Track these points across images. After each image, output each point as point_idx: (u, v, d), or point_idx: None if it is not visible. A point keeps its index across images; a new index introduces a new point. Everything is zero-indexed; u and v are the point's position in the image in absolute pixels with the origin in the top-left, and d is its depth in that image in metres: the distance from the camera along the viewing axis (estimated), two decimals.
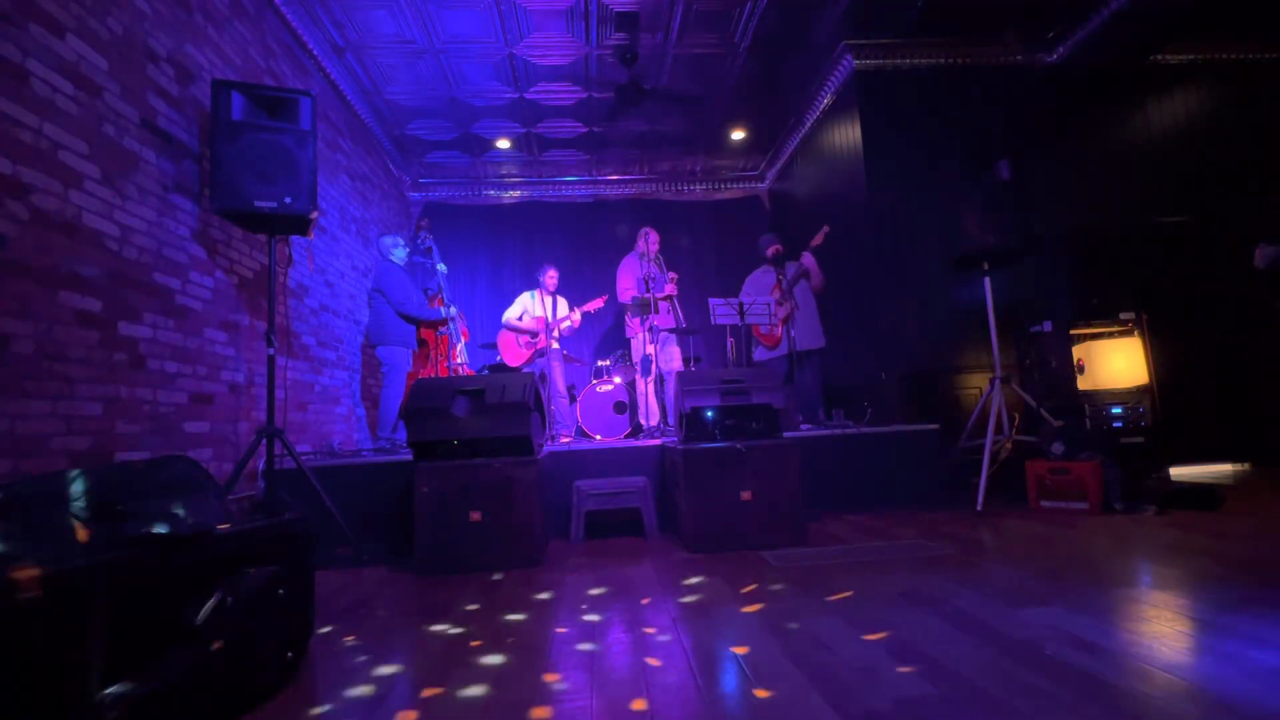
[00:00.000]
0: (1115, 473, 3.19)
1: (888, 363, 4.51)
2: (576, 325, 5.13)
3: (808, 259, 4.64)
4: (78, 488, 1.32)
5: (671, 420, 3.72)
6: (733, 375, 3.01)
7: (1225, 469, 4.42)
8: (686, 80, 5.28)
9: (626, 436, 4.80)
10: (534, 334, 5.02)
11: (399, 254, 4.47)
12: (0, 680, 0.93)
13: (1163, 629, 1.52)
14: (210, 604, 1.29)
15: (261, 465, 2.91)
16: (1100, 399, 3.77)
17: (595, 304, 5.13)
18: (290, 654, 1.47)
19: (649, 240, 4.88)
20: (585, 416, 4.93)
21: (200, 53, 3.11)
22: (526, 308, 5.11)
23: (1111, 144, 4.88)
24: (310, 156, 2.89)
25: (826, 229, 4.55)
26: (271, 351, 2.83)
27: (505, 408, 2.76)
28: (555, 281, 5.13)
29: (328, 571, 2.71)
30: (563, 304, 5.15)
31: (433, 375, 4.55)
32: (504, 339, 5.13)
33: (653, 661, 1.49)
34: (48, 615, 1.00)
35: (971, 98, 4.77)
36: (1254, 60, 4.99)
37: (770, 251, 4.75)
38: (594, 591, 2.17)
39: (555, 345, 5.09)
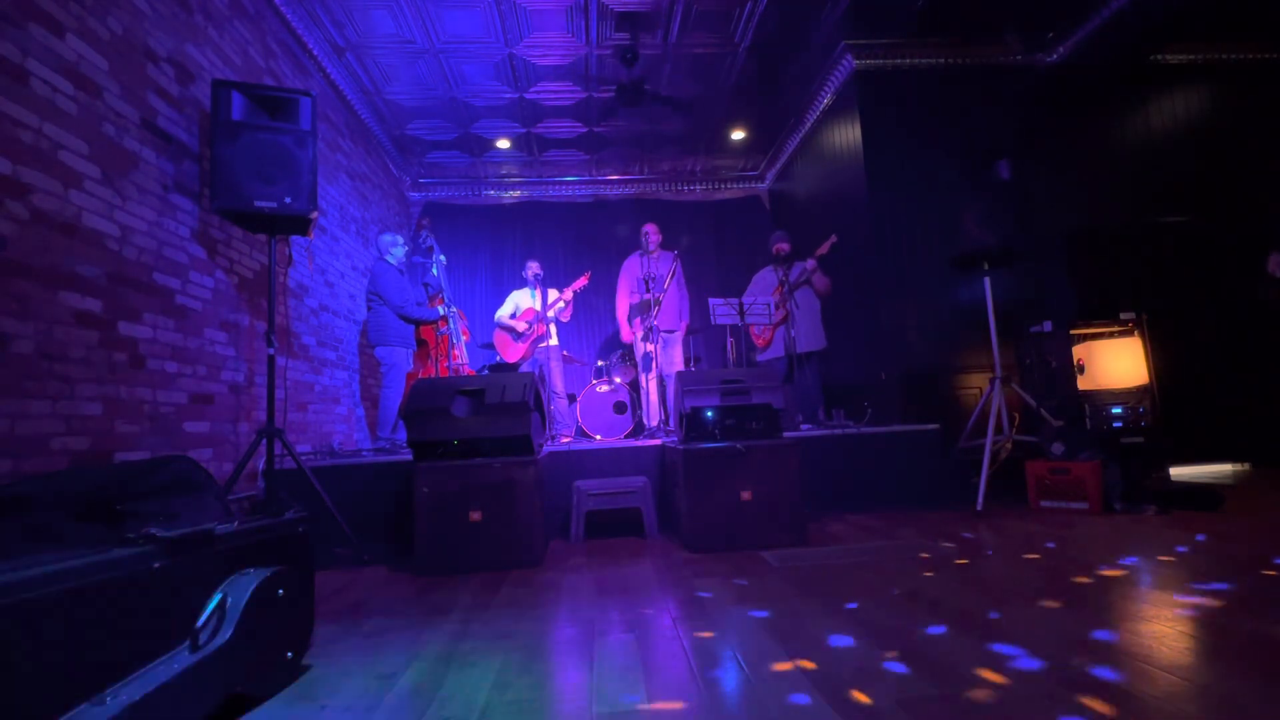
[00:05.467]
0: (1115, 473, 3.19)
1: (888, 363, 4.51)
2: (569, 301, 5.17)
3: (812, 265, 4.62)
4: (77, 488, 1.32)
5: (672, 421, 3.72)
6: (733, 375, 3.01)
7: (1225, 469, 4.42)
8: (686, 80, 5.28)
9: (628, 435, 4.80)
10: (528, 325, 5.08)
11: (397, 253, 4.44)
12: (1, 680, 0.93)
13: (1164, 629, 1.52)
14: (211, 604, 1.29)
15: (261, 465, 2.92)
16: (1100, 399, 3.77)
17: (580, 282, 5.19)
18: (290, 654, 1.47)
19: (648, 237, 4.97)
20: (585, 416, 4.93)
21: (200, 53, 3.11)
22: (518, 303, 5.20)
23: (1111, 144, 4.88)
24: (310, 156, 2.89)
25: (834, 239, 4.54)
26: (271, 351, 2.83)
27: (505, 408, 2.76)
28: (537, 269, 5.26)
29: (328, 571, 2.71)
30: (552, 293, 5.24)
31: (433, 375, 4.55)
32: (500, 337, 5.17)
33: (653, 662, 1.49)
34: (46, 616, 1.00)
35: (971, 98, 4.77)
36: (1254, 60, 4.99)
37: (775, 249, 4.76)
38: (594, 592, 2.17)
39: (554, 342, 5.12)
